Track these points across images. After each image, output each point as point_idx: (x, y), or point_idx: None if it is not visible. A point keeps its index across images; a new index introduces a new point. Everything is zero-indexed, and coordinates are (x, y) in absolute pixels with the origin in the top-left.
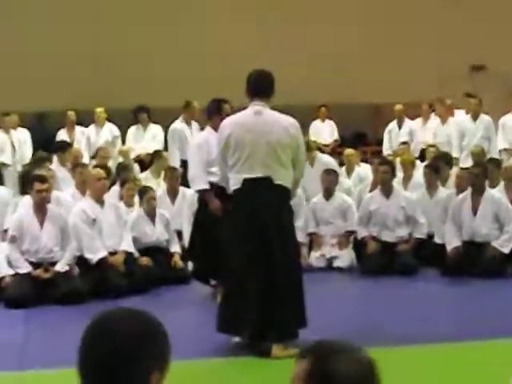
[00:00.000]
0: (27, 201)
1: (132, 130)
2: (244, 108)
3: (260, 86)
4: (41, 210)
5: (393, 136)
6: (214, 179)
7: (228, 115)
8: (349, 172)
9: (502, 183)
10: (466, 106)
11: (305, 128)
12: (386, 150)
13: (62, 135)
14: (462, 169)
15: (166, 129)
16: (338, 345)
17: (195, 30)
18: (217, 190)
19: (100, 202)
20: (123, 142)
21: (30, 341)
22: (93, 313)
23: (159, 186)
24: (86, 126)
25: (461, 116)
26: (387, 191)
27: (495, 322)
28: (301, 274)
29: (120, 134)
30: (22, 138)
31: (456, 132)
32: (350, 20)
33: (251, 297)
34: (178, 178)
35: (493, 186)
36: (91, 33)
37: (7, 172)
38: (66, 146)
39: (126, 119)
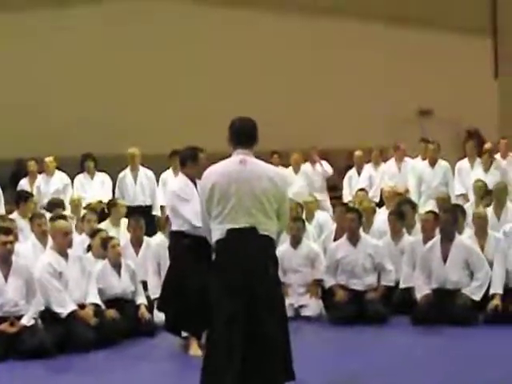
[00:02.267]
0: None
1: (79, 178)
2: (227, 156)
3: (244, 134)
4: (5, 262)
5: (353, 183)
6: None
7: (204, 164)
8: (308, 219)
9: (468, 230)
10: (421, 151)
11: None
12: (346, 197)
13: (24, 185)
14: (427, 212)
15: (113, 176)
16: None
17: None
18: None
19: (64, 254)
20: None
21: None
22: (60, 368)
23: (119, 236)
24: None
25: (417, 161)
26: (355, 239)
27: (468, 373)
28: (287, 327)
29: (70, 182)
30: None
31: (413, 177)
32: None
33: (236, 352)
34: (143, 228)
35: (459, 232)
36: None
37: None
38: (28, 197)
39: (71, 167)
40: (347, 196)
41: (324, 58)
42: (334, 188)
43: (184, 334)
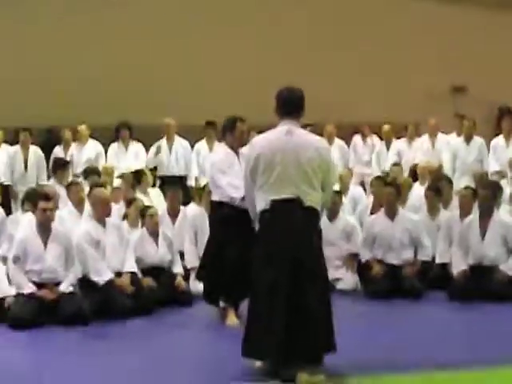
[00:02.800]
0: (29, 219)
1: (113, 148)
2: (273, 126)
3: (291, 105)
4: (45, 229)
5: (381, 158)
6: (224, 199)
7: (242, 133)
8: (343, 192)
9: (505, 206)
10: (456, 127)
11: None
12: (376, 172)
13: (59, 153)
14: (465, 188)
15: (148, 147)
16: None
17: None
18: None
19: (102, 222)
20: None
21: (44, 365)
22: (98, 335)
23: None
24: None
25: (452, 137)
26: (392, 213)
27: (505, 347)
28: (330, 299)
29: (103, 151)
30: None
31: (448, 153)
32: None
33: (278, 321)
34: (180, 198)
35: (496, 208)
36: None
37: None
38: (65, 164)
39: (105, 136)
40: (376, 171)
41: (357, 31)
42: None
43: (221, 303)
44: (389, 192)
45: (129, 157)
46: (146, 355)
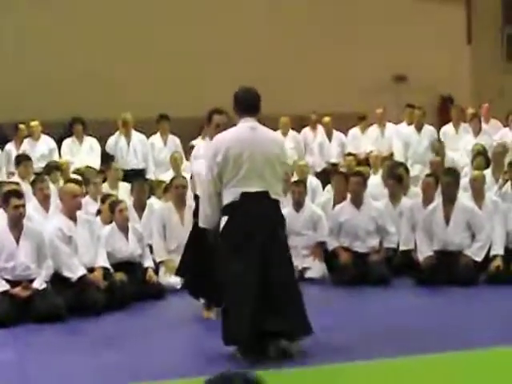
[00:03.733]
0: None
1: (67, 143)
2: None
3: (250, 104)
4: (17, 226)
5: (324, 148)
6: None
7: (217, 126)
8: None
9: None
10: (407, 116)
11: None
12: (319, 165)
13: (11, 149)
14: (427, 176)
15: (101, 141)
16: None
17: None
18: None
19: (73, 218)
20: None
21: (24, 361)
22: (73, 330)
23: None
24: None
25: (401, 127)
26: (358, 202)
27: (471, 333)
28: (298, 286)
29: (56, 147)
30: None
31: (399, 142)
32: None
33: (250, 307)
34: (146, 191)
35: None
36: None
37: None
38: (28, 159)
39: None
40: (319, 163)
41: (296, 20)
42: None
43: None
44: (356, 181)
45: (83, 152)
46: (123, 349)
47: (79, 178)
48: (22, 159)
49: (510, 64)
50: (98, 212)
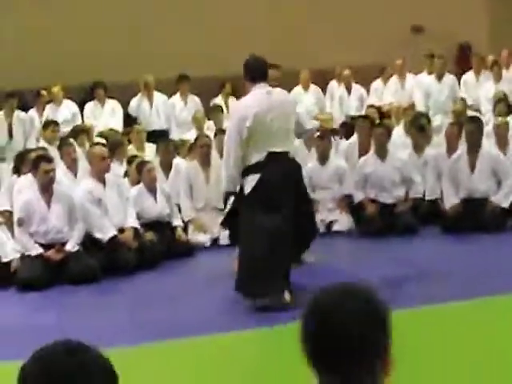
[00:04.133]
0: (29, 181)
1: (89, 107)
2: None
3: (262, 70)
4: (47, 190)
5: (344, 103)
6: None
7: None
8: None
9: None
10: (427, 66)
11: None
12: (339, 117)
13: (34, 115)
14: (451, 124)
15: (123, 103)
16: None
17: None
18: None
19: (102, 180)
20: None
21: (63, 323)
22: (108, 290)
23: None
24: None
25: (422, 76)
26: (383, 154)
27: (500, 278)
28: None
29: (79, 111)
30: None
31: (420, 92)
32: None
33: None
34: (172, 151)
35: None
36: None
37: None
38: (55, 124)
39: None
40: (340, 116)
41: None
42: None
43: None
44: (380, 132)
45: (105, 115)
46: (156, 307)
47: (103, 140)
48: (49, 124)
49: None
50: (126, 174)
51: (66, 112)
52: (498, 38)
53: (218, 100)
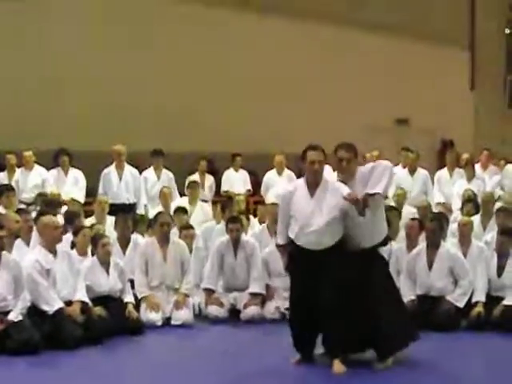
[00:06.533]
0: None
1: (53, 174)
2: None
3: None
4: None
5: None
6: None
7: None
8: None
9: (450, 238)
10: (402, 159)
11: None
12: None
13: (3, 179)
14: (412, 219)
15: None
16: None
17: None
18: None
19: (52, 251)
20: None
21: None
22: (48, 364)
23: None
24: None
25: (397, 169)
26: None
27: (452, 377)
28: None
29: (49, 178)
30: None
31: (393, 185)
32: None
33: None
34: (130, 227)
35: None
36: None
37: None
38: (12, 190)
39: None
40: None
41: (300, 65)
42: None
43: None
44: None
45: (68, 183)
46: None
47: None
48: (4, 190)
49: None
50: (73, 244)
51: (36, 177)
52: (482, 138)
53: (195, 176)
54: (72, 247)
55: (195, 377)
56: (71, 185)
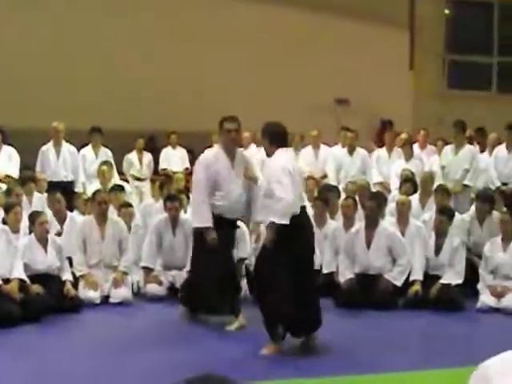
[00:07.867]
0: None
1: None
2: None
3: (285, 138)
4: None
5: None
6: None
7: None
8: None
9: (388, 217)
10: (341, 139)
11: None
12: None
13: None
14: (346, 198)
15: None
16: None
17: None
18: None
19: None
20: None
21: None
22: None
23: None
24: None
25: (336, 149)
26: None
27: (384, 355)
28: None
29: None
30: None
31: (332, 164)
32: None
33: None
34: (61, 202)
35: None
36: None
37: None
38: None
39: None
40: None
41: (239, 45)
42: None
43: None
44: None
45: (2, 160)
46: (34, 363)
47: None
48: None
49: (450, 91)
50: (4, 222)
51: None
52: (420, 117)
53: (133, 154)
54: (4, 223)
55: (133, 354)
56: (4, 162)
